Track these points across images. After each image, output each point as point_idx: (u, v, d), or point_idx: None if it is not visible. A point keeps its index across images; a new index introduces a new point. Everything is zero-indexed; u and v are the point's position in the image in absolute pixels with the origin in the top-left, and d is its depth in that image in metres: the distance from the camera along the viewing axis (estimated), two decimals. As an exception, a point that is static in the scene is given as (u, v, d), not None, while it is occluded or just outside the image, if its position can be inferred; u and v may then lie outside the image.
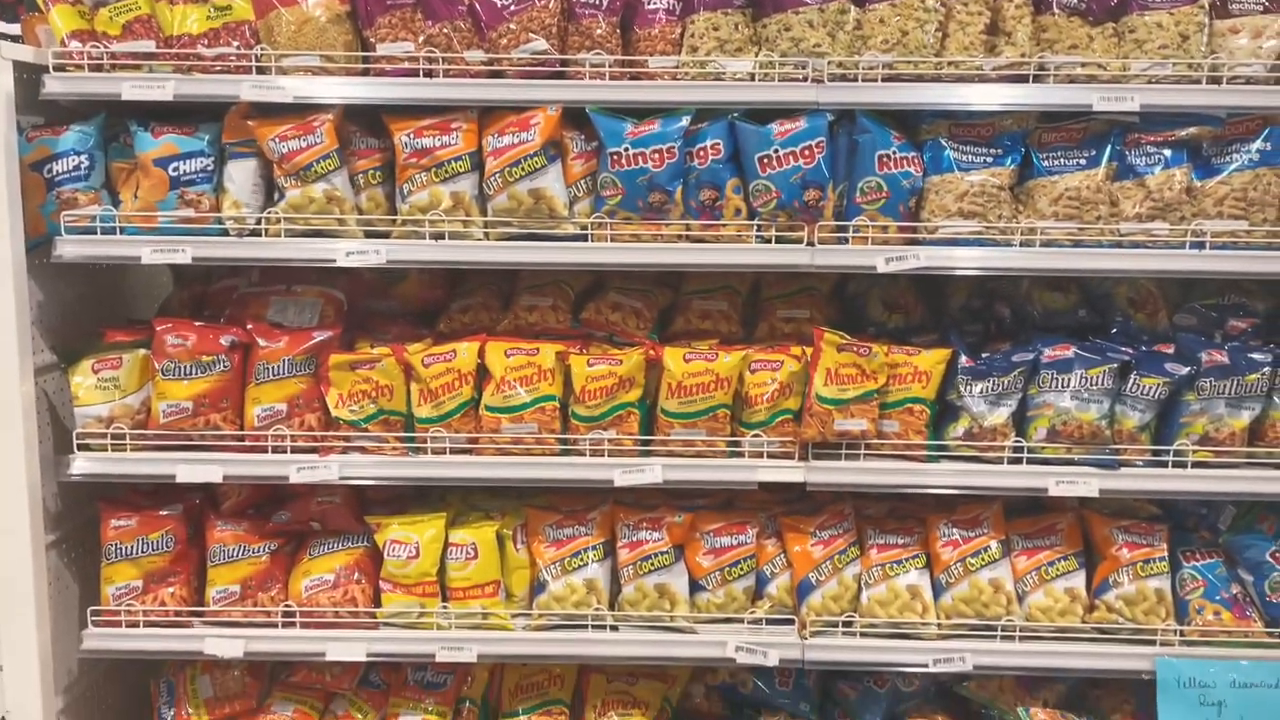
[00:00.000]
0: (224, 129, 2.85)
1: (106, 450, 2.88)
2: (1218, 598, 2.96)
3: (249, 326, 2.95)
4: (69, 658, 2.97)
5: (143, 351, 2.92)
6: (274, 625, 2.96)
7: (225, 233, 2.85)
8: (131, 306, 3.43)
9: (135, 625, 2.95)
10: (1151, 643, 2.91)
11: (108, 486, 2.99)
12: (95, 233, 2.82)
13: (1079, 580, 2.98)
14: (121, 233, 2.83)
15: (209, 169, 2.84)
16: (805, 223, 2.82)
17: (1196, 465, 2.90)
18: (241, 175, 2.85)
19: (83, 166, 2.81)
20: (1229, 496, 3.02)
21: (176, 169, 2.81)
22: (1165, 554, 2.96)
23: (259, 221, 2.84)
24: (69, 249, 2.79)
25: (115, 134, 2.91)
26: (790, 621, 3.00)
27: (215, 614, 2.98)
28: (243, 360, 2.93)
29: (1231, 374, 2.87)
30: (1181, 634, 2.92)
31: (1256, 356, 2.89)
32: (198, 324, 2.93)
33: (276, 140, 2.77)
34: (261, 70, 2.78)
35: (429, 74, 2.79)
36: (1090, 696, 3.19)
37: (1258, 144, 2.82)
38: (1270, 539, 2.98)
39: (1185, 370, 2.85)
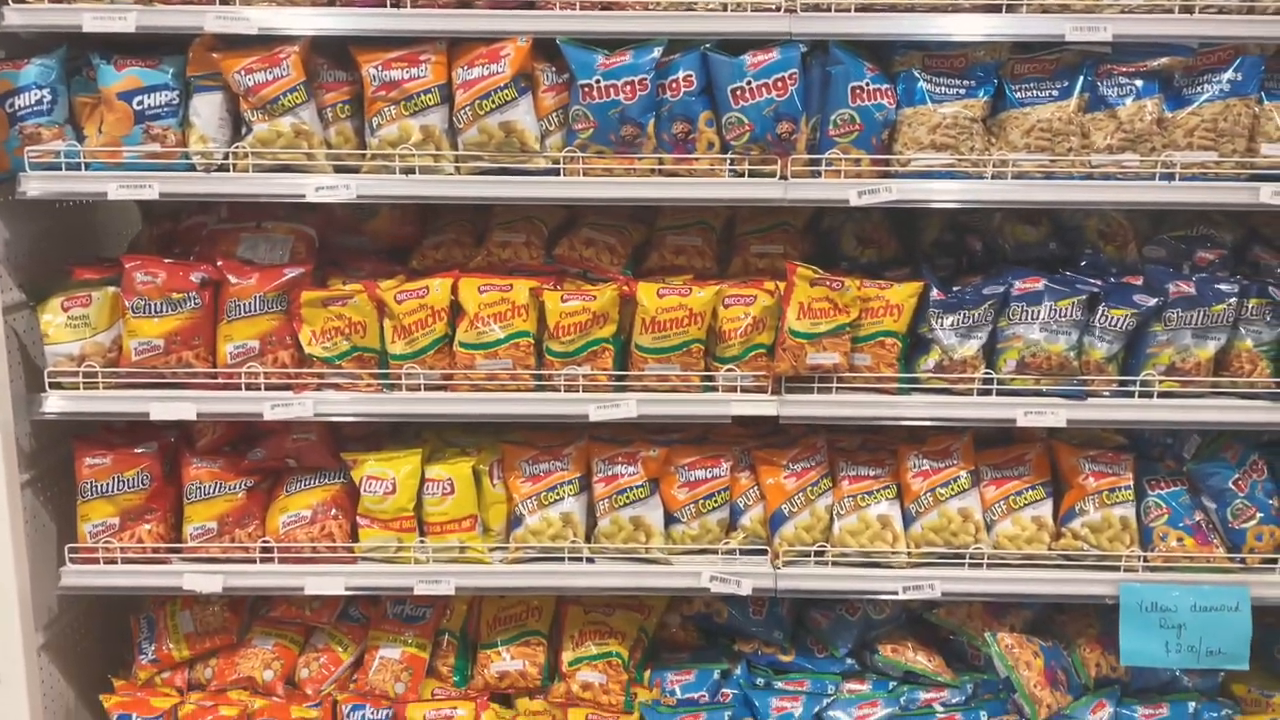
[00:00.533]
0: (189, 62, 2.80)
1: (79, 389, 2.87)
2: (1181, 524, 3.02)
3: (219, 263, 2.92)
4: (48, 595, 2.99)
5: (112, 289, 2.90)
6: (252, 561, 2.99)
7: (192, 168, 2.81)
8: (102, 244, 3.39)
9: (113, 562, 2.97)
10: (1116, 569, 2.98)
11: (81, 425, 2.99)
12: (60, 168, 2.78)
13: (1046, 509, 3.04)
14: (87, 168, 2.79)
15: (174, 103, 2.80)
16: (778, 156, 2.81)
17: (1163, 395, 2.94)
18: (207, 109, 2.80)
19: (45, 101, 2.77)
20: (1194, 426, 3.07)
21: (141, 103, 2.76)
22: (1131, 483, 3.02)
23: (227, 156, 2.81)
24: (34, 185, 2.75)
25: (78, 67, 2.85)
26: (763, 552, 3.05)
27: (193, 550, 3.00)
28: (214, 298, 2.92)
29: (1198, 305, 2.90)
30: (1145, 560, 2.98)
31: (1223, 287, 2.92)
32: (167, 261, 2.90)
33: (242, 73, 2.72)
34: (226, 1, 2.73)
35: (396, 4, 2.74)
36: (1056, 621, 3.27)
37: (1228, 74, 2.82)
38: (1233, 467, 3.03)
39: (1153, 301, 2.88)
